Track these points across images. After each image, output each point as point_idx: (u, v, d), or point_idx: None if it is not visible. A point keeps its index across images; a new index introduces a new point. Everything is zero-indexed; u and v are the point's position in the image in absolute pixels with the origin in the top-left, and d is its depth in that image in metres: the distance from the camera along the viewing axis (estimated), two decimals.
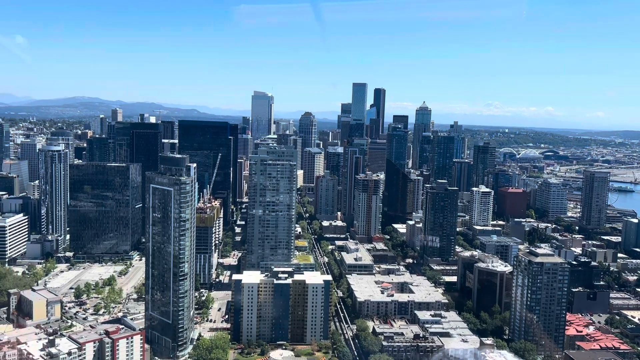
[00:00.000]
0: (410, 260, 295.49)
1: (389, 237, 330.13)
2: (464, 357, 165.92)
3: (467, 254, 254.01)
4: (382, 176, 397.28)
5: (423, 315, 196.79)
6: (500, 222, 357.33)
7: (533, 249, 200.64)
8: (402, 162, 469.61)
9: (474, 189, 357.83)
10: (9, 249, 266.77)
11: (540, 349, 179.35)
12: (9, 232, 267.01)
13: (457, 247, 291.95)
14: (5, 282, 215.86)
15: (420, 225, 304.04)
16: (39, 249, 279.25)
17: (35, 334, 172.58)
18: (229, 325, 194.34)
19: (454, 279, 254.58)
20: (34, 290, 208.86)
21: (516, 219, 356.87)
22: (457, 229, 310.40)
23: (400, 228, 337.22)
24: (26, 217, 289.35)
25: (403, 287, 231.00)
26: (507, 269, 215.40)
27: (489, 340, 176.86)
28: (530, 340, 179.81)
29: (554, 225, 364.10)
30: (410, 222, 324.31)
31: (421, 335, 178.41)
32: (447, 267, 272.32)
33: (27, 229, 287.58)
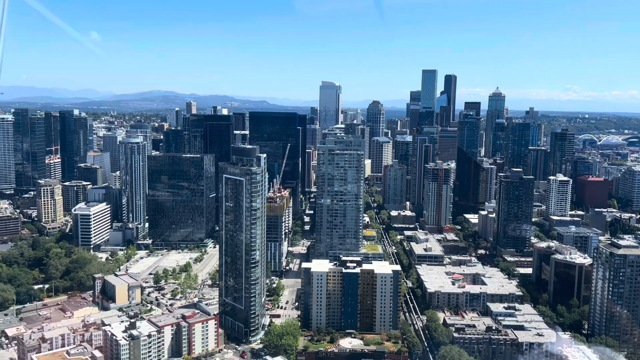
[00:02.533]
0: (483, 252, 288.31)
1: (460, 227, 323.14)
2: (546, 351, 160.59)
3: (543, 245, 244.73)
4: (452, 165, 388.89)
5: (496, 307, 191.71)
6: (579, 212, 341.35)
7: (615, 240, 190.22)
8: (474, 150, 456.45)
9: (551, 177, 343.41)
10: (94, 236, 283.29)
11: (623, 345, 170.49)
12: (94, 220, 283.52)
13: (532, 238, 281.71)
14: (90, 267, 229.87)
15: (494, 215, 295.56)
16: (120, 237, 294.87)
17: (118, 316, 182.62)
18: (299, 313, 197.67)
19: (528, 271, 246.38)
20: (116, 275, 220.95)
21: (597, 209, 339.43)
22: (533, 219, 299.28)
23: (472, 218, 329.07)
24: (109, 206, 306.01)
25: (475, 279, 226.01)
26: (587, 261, 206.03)
27: (566, 335, 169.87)
28: (611, 335, 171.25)
29: (638, 216, 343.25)
30: (483, 212, 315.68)
31: (494, 327, 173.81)
32: (522, 259, 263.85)
33: (109, 218, 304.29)
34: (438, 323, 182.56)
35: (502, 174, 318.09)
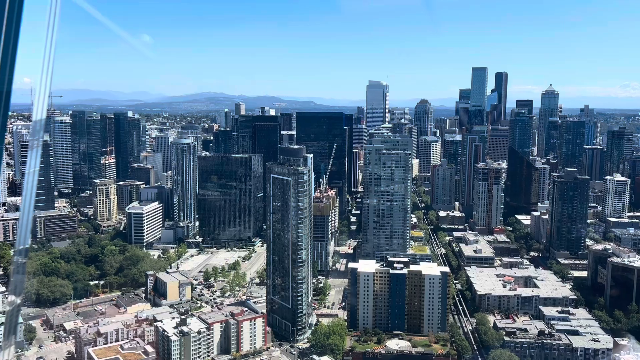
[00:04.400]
0: (535, 254, 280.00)
1: (511, 228, 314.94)
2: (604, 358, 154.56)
3: (599, 247, 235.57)
4: (504, 164, 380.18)
5: (549, 311, 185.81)
6: (638, 214, 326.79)
7: None
8: (527, 149, 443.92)
9: (608, 177, 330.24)
10: (146, 234, 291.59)
11: None
12: (146, 219, 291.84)
13: (587, 240, 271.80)
14: (143, 265, 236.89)
15: (547, 216, 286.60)
16: (172, 235, 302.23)
17: (169, 312, 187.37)
18: (345, 312, 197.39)
19: (583, 274, 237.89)
20: (168, 272, 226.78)
21: None
22: (588, 221, 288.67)
23: (524, 219, 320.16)
24: (161, 205, 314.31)
25: (527, 281, 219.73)
26: None
27: (624, 341, 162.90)
28: None
29: None
30: (535, 213, 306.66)
31: (546, 332, 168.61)
32: (576, 262, 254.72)
33: (161, 216, 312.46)
34: (488, 326, 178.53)
35: (555, 174, 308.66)
